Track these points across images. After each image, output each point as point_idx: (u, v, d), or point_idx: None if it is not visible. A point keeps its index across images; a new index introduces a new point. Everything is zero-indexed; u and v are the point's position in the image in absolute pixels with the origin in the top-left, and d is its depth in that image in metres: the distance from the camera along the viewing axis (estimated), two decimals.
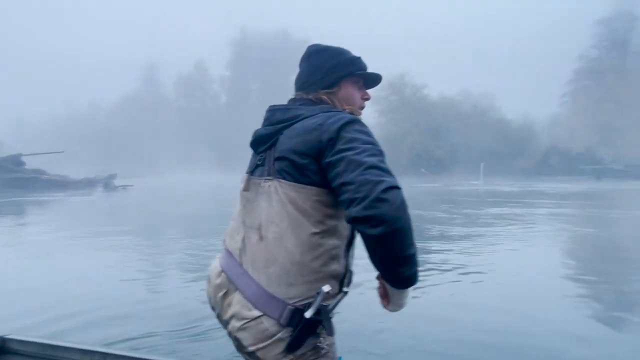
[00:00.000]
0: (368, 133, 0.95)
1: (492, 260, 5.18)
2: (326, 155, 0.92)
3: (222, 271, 1.05)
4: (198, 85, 67.02)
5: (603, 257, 5.71)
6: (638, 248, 6.32)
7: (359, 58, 1.14)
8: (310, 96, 1.09)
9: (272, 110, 1.10)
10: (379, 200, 0.80)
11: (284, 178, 0.96)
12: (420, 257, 1.02)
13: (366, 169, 0.85)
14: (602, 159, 35.62)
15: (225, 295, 1.02)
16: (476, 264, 4.90)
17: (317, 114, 1.00)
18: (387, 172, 0.86)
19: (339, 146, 0.90)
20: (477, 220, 9.20)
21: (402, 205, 0.82)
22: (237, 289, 0.99)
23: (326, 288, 0.91)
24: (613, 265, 5.25)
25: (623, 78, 42.71)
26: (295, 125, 1.00)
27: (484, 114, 43.09)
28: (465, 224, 8.57)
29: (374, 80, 1.16)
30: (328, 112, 1.00)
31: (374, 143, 0.93)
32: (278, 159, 0.99)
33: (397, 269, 0.87)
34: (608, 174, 32.02)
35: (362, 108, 1.17)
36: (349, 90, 1.11)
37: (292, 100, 1.12)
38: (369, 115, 46.92)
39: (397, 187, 0.83)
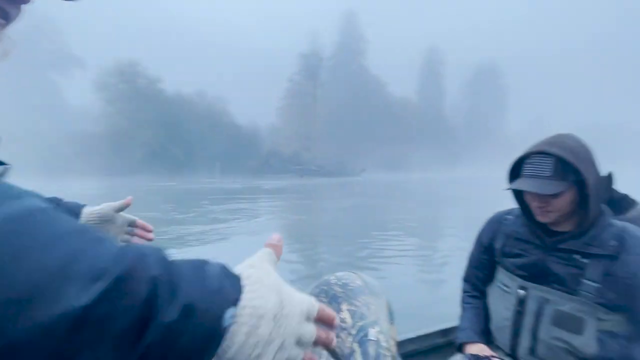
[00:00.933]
0: None
1: (227, 250, 6.29)
2: None
3: None
4: None
5: (309, 235, 8.08)
6: (332, 226, 9.27)
7: None
8: None
9: None
10: None
11: None
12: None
13: None
14: (303, 161, 46.47)
15: None
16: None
17: None
18: None
19: None
20: (212, 216, 10.36)
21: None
22: None
23: None
24: (319, 239, 7.60)
25: (315, 101, 57.32)
26: None
27: (218, 117, 46.34)
28: (203, 222, 9.53)
29: None
30: None
31: None
32: None
33: None
34: (307, 172, 42.21)
35: None
36: None
37: None
38: (94, 104, 40.44)
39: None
